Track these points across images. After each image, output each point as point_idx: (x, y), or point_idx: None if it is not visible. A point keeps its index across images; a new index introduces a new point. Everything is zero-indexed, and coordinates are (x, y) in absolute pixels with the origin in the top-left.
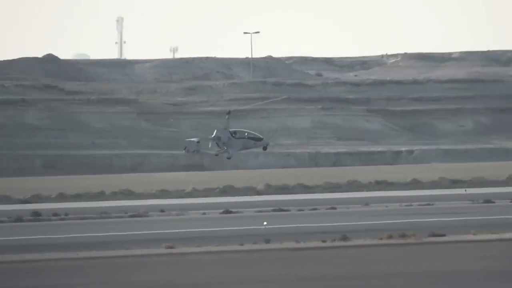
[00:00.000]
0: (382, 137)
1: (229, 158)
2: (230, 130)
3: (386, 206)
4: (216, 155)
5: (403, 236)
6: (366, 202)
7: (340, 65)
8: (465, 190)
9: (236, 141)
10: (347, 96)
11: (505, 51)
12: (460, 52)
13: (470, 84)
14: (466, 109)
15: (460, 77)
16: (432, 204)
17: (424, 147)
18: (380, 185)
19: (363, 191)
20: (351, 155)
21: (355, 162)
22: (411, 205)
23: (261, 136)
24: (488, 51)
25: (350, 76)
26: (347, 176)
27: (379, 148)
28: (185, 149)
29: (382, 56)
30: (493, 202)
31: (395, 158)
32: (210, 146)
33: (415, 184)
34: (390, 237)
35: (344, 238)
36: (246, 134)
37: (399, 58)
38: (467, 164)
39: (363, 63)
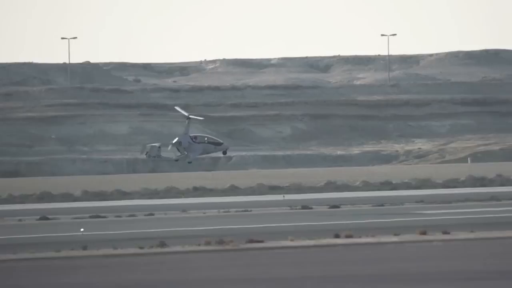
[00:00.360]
0: None
1: (190, 163)
2: (191, 135)
3: (204, 213)
4: (176, 160)
5: (221, 242)
6: (184, 208)
7: (158, 70)
8: (283, 196)
9: (196, 145)
10: (166, 102)
11: (323, 57)
12: (279, 58)
13: (289, 91)
14: (284, 115)
15: (279, 83)
16: (250, 211)
17: (243, 153)
18: (198, 191)
19: (181, 197)
20: (170, 161)
21: (173, 168)
22: (229, 212)
23: (221, 141)
24: (306, 58)
25: (168, 82)
26: (165, 183)
27: None
28: (146, 154)
29: (201, 62)
30: (311, 208)
31: (213, 164)
32: (169, 149)
33: (233, 190)
34: (208, 243)
35: (162, 244)
36: (206, 139)
37: (217, 64)
38: (285, 170)
39: (182, 69)
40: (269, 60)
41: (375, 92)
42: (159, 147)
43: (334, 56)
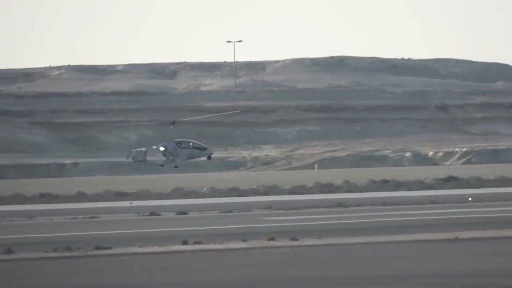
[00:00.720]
0: (46, 150)
1: (176, 167)
2: (176, 140)
3: (51, 219)
4: (162, 165)
5: (68, 249)
6: (30, 215)
7: (2, 76)
8: (131, 203)
9: (181, 150)
10: (10, 108)
11: (169, 63)
12: (124, 65)
13: (135, 97)
14: (130, 121)
15: (125, 89)
16: (98, 217)
17: (89, 160)
18: (45, 197)
19: (28, 204)
20: (15, 168)
21: (18, 175)
22: (76, 218)
23: (206, 146)
24: (152, 64)
25: (13, 88)
26: (11, 189)
27: (43, 161)
28: (132, 159)
29: (46, 68)
30: (159, 215)
31: (60, 170)
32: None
33: (80, 196)
34: (55, 250)
35: (8, 251)
36: (191, 144)
37: (63, 71)
38: (133, 176)
39: (27, 75)
40: (114, 66)
41: (221, 98)
42: (145, 152)
43: (180, 63)
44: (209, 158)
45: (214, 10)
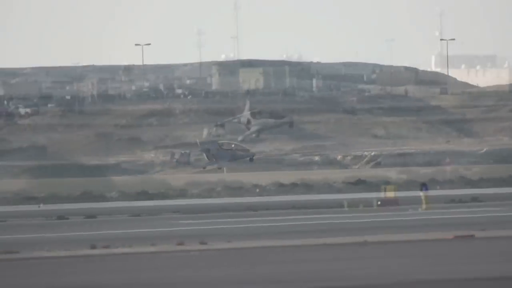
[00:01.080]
0: None
1: (219, 168)
2: (219, 142)
3: None
4: (204, 167)
5: None
6: None
7: None
8: (39, 206)
9: (224, 152)
10: None
11: (76, 67)
12: (32, 68)
13: (43, 100)
14: (39, 124)
15: (32, 93)
16: (5, 221)
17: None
18: None
19: None
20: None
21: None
22: None
23: (248, 148)
24: (60, 67)
25: None
26: None
27: None
28: (176, 160)
29: None
30: (67, 219)
31: None
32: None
33: None
34: None
35: None
36: (233, 145)
37: None
38: (42, 180)
39: None
40: (22, 69)
41: (130, 102)
42: (189, 153)
43: (88, 66)
44: (251, 159)
45: (122, 13)
